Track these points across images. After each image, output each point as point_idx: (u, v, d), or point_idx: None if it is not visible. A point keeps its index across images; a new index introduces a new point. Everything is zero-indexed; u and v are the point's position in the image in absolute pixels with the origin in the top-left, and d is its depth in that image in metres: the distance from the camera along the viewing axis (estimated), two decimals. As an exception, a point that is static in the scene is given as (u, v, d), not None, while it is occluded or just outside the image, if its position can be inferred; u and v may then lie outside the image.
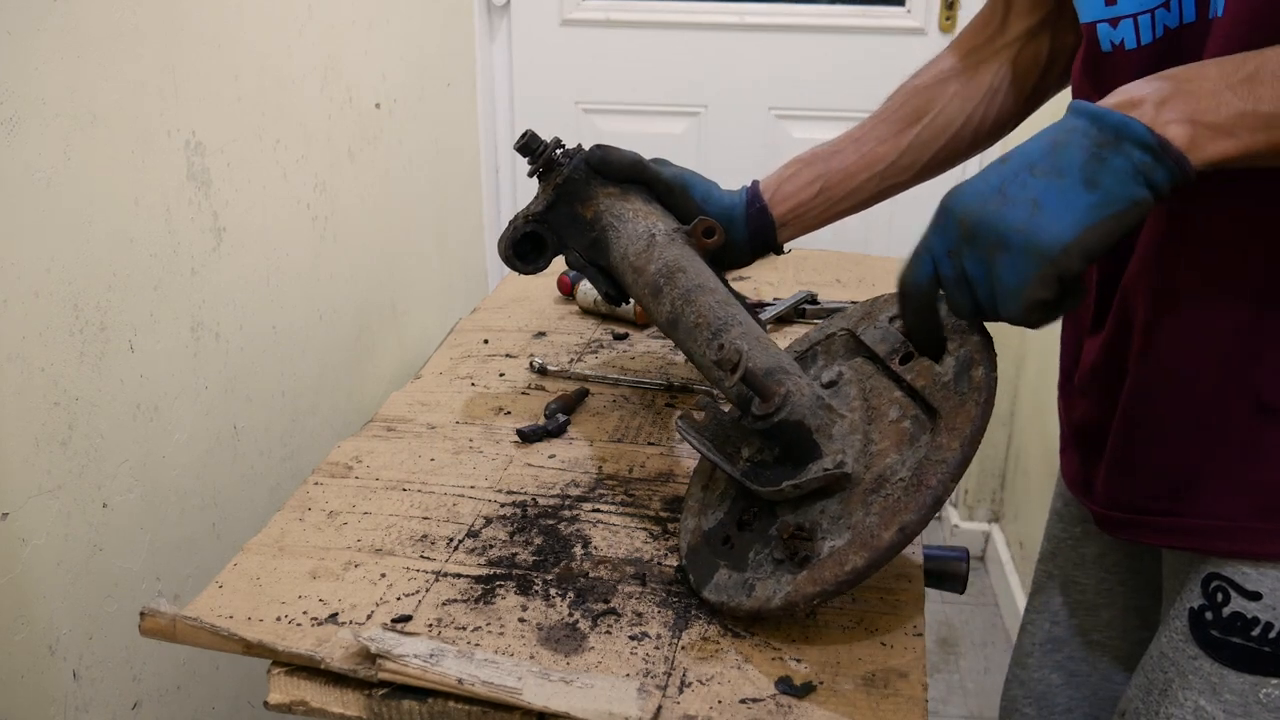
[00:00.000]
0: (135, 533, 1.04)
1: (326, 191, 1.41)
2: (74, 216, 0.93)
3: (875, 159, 0.97)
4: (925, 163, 0.97)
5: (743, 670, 0.72)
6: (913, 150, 0.96)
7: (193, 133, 1.09)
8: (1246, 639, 0.74)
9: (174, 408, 1.09)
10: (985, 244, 0.65)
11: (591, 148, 1.00)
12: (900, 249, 2.11)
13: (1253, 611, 0.73)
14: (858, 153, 0.97)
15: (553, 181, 1.00)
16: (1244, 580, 0.74)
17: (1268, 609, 0.73)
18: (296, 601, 0.79)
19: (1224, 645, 0.75)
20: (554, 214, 1.00)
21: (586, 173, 0.99)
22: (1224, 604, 0.75)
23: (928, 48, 2.12)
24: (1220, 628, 0.75)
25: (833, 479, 0.73)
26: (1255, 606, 0.73)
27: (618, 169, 0.99)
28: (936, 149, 0.97)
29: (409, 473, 0.98)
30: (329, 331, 1.45)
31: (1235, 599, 0.74)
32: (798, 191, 0.98)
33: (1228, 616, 0.75)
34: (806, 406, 0.76)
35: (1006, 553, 2.25)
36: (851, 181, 0.97)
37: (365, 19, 1.51)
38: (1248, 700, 0.74)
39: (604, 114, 2.23)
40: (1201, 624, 0.76)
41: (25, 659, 0.91)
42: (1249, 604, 0.74)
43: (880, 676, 0.72)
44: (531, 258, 1.03)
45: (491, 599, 0.80)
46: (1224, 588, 0.75)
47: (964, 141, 0.97)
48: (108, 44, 0.95)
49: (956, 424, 0.70)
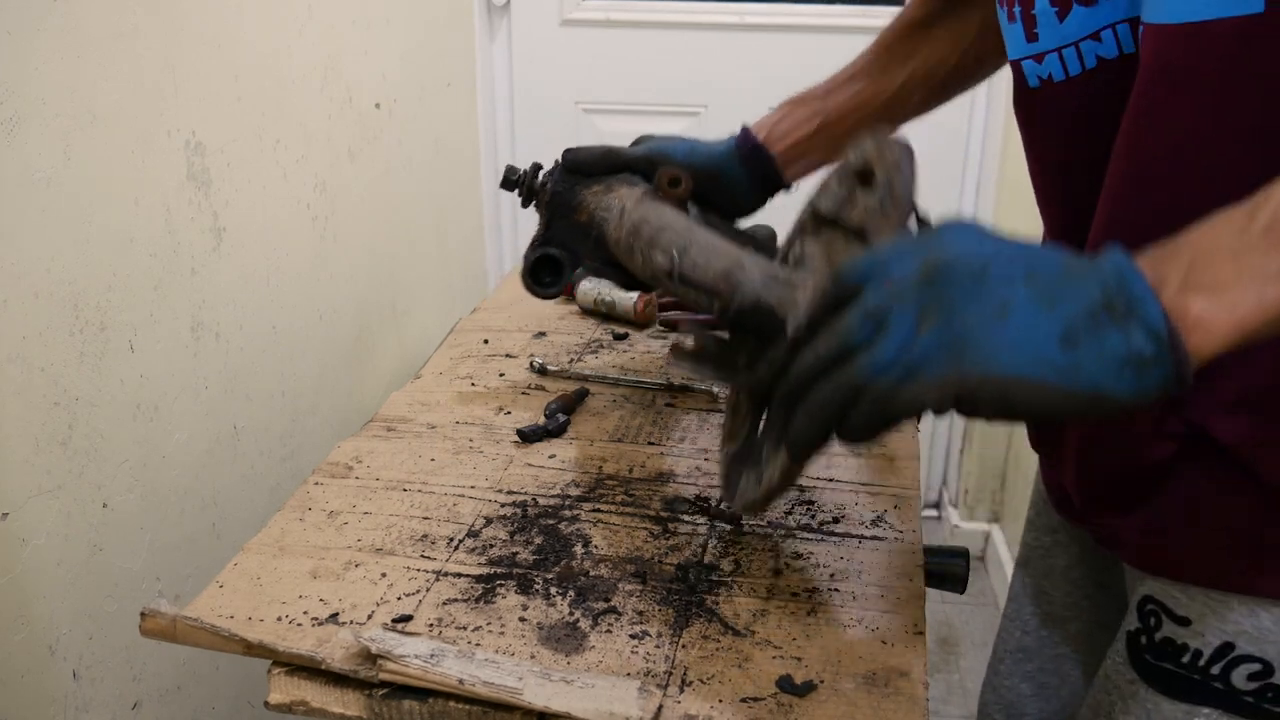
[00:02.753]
0: (135, 533, 1.04)
1: (326, 191, 1.41)
2: (74, 216, 0.93)
3: (877, 92, 0.95)
4: (932, 91, 0.96)
5: (743, 669, 0.72)
6: (913, 83, 0.95)
7: (193, 133, 1.09)
8: (1178, 665, 0.71)
9: (174, 408, 1.09)
10: (937, 300, 0.52)
11: (562, 153, 1.00)
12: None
13: (1182, 637, 0.71)
14: (853, 89, 0.96)
15: (542, 202, 1.01)
16: (1174, 605, 0.71)
17: (1196, 635, 0.70)
18: (297, 601, 0.79)
19: (1157, 671, 0.73)
20: (554, 231, 1.01)
21: (567, 181, 1.00)
22: (1156, 628, 0.72)
23: (927, 48, 2.12)
24: (1153, 653, 0.73)
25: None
26: (1185, 632, 0.70)
27: (590, 165, 0.99)
28: (940, 78, 0.95)
29: (409, 473, 0.97)
30: (329, 331, 1.45)
31: (1166, 623, 0.72)
32: (795, 129, 0.97)
33: (1160, 641, 0.72)
34: (759, 287, 0.77)
35: (1006, 553, 2.25)
36: (855, 115, 0.96)
37: (365, 19, 1.51)
38: None
39: (604, 114, 2.23)
40: (1137, 648, 0.74)
41: (25, 659, 0.91)
42: (1179, 629, 0.71)
43: (881, 675, 0.72)
44: (552, 280, 1.03)
45: (492, 598, 0.80)
46: (1156, 611, 0.72)
47: (966, 71, 0.95)
48: (108, 44, 0.95)
49: (882, 238, 0.71)
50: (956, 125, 2.15)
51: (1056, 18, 0.67)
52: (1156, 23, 0.60)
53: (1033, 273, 0.52)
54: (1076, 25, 0.67)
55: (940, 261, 0.53)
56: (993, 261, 0.52)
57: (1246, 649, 0.68)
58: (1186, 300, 0.49)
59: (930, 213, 0.73)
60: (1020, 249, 0.53)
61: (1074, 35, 0.67)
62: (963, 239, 0.54)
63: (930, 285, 0.52)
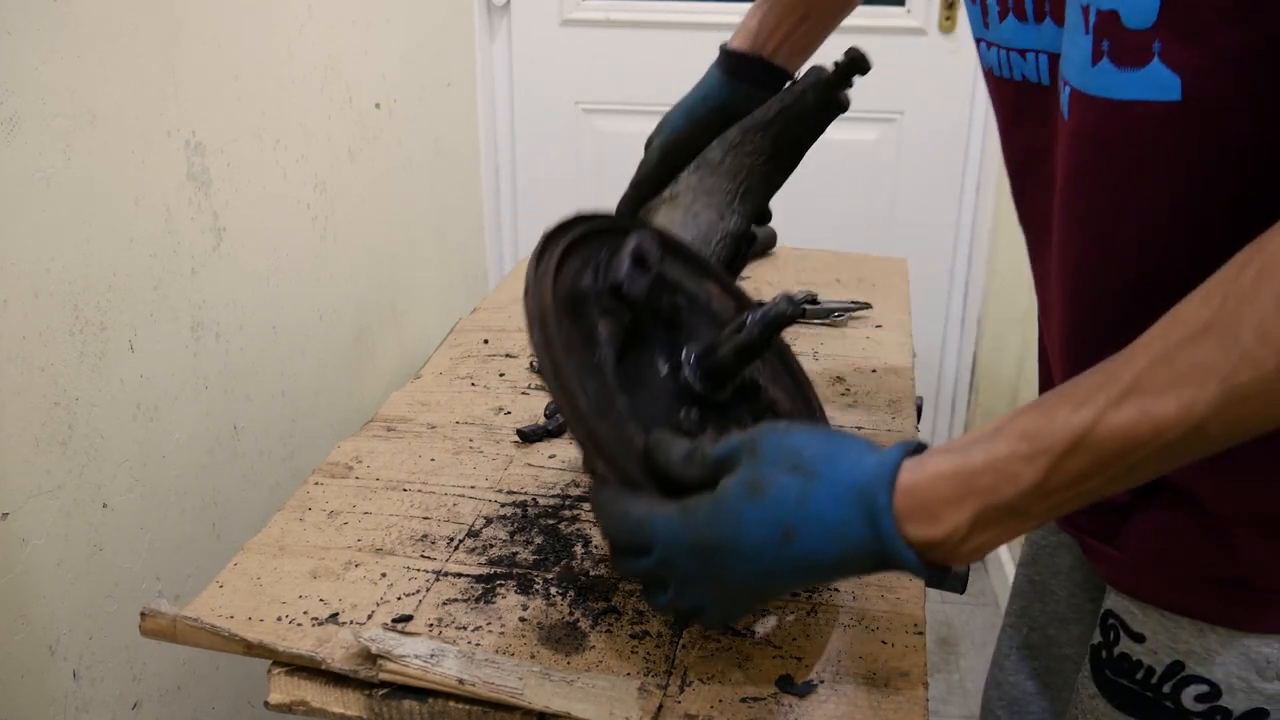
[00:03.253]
0: (135, 533, 1.04)
1: (326, 191, 1.41)
2: (74, 216, 0.93)
3: None
4: None
5: (744, 669, 0.72)
6: None
7: (193, 133, 1.09)
8: (1132, 682, 0.71)
9: (174, 408, 1.09)
10: (725, 593, 0.60)
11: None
12: (900, 249, 2.11)
13: (1137, 654, 0.70)
14: None
15: None
16: (1130, 620, 0.71)
17: (1149, 653, 0.70)
18: (297, 601, 0.79)
19: (1115, 687, 0.72)
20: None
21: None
22: (1115, 643, 0.72)
23: (928, 48, 2.12)
24: (1111, 668, 0.72)
25: None
26: (1139, 649, 0.70)
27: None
28: None
29: (409, 473, 0.97)
30: (329, 331, 1.45)
31: (1124, 639, 0.71)
32: (779, 25, 0.93)
33: (1117, 656, 0.72)
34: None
35: (1006, 553, 2.25)
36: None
37: (365, 19, 1.51)
38: None
39: (604, 114, 2.23)
40: (1099, 662, 0.74)
41: (25, 659, 0.91)
42: (1134, 645, 0.70)
43: (881, 676, 0.72)
44: None
45: (492, 598, 0.80)
46: (1116, 626, 0.72)
47: None
48: (108, 44, 0.95)
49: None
50: (957, 125, 2.15)
51: (997, 15, 0.66)
52: (1080, 90, 0.58)
53: (790, 532, 0.56)
54: (1010, 32, 0.65)
55: (705, 543, 0.58)
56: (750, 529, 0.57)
57: (1195, 670, 0.68)
58: (968, 546, 0.55)
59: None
60: (806, 478, 0.57)
61: (1006, 41, 0.66)
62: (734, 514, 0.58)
63: (697, 560, 0.59)
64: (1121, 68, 0.54)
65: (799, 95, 0.93)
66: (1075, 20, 0.56)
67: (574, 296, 0.70)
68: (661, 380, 0.73)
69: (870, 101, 2.22)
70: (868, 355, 1.22)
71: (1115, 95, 0.55)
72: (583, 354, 0.68)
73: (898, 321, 1.33)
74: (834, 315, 1.32)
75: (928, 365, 2.32)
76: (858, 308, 1.34)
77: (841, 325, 1.31)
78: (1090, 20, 0.54)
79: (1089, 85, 0.57)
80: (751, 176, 0.95)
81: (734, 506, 0.57)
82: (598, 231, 0.76)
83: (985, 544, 0.55)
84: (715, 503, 0.58)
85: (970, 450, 0.54)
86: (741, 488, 0.57)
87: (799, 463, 0.56)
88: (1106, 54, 0.54)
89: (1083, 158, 0.61)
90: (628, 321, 0.71)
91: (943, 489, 0.54)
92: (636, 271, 0.71)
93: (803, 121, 0.93)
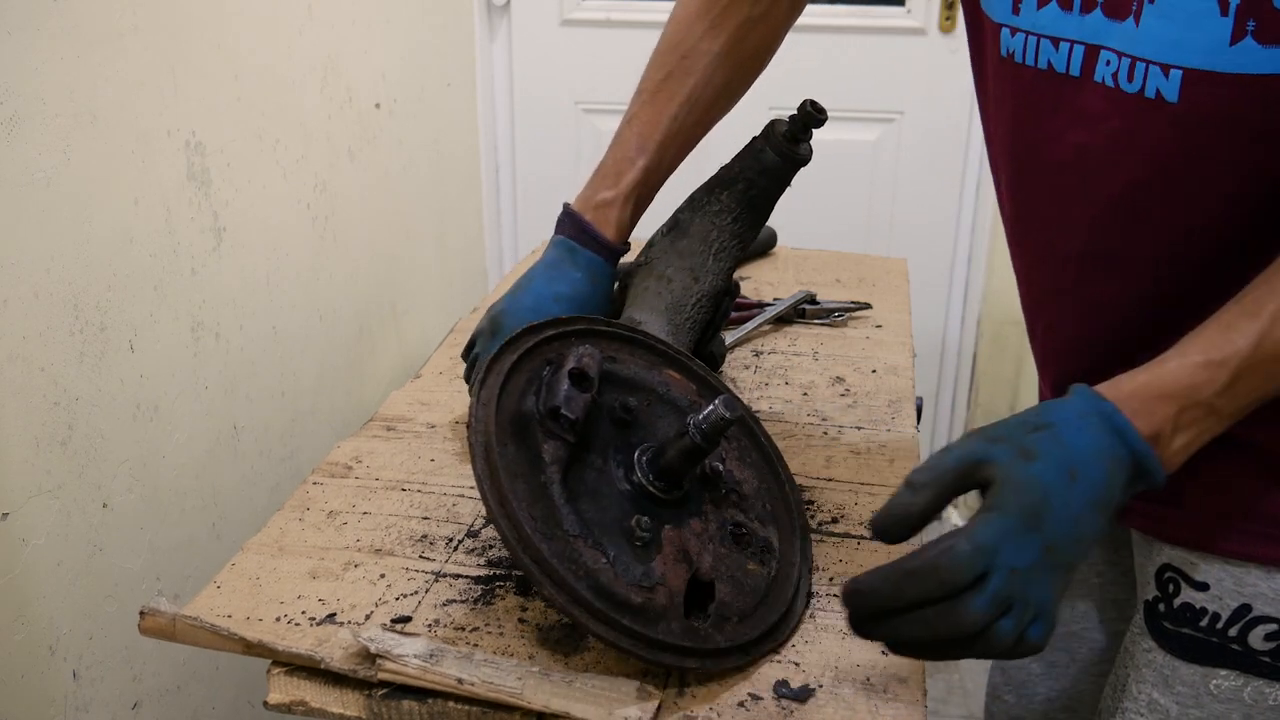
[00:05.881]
0: (135, 533, 1.04)
1: (326, 191, 1.41)
2: (74, 216, 0.93)
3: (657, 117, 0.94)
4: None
5: (742, 672, 0.72)
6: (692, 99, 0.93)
7: (193, 133, 1.09)
8: (1196, 629, 0.74)
9: (174, 408, 1.09)
10: (1056, 564, 0.62)
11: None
12: (900, 249, 2.10)
13: (1200, 602, 0.74)
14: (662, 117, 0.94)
15: None
16: (1192, 571, 0.74)
17: (1214, 599, 0.73)
18: (296, 601, 0.79)
19: (1175, 636, 0.75)
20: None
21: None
22: (1175, 595, 0.75)
23: (928, 48, 2.12)
24: (1171, 619, 0.76)
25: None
26: (1203, 597, 0.74)
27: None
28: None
29: (409, 473, 0.98)
30: (329, 331, 1.45)
31: (1185, 589, 0.75)
32: (634, 210, 0.95)
33: (1178, 607, 0.75)
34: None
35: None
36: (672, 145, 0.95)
37: (365, 19, 1.51)
38: (1199, 691, 0.75)
39: (604, 114, 2.23)
40: (1155, 615, 0.77)
41: (25, 659, 0.91)
42: (1197, 594, 0.74)
43: (879, 682, 0.72)
44: None
45: (491, 599, 0.80)
46: (1175, 579, 0.75)
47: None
48: (108, 44, 0.95)
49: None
50: (957, 125, 2.15)
51: (1036, 2, 0.70)
52: (1206, 71, 0.62)
53: (1073, 468, 0.62)
54: (1048, 20, 0.69)
55: (1057, 540, 0.62)
56: (1068, 498, 0.62)
57: (1264, 610, 0.72)
58: (1173, 448, 0.64)
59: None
60: (1071, 473, 0.62)
61: (1041, 28, 0.70)
62: (1056, 512, 0.62)
63: (1054, 549, 0.62)
64: (1266, 45, 0.60)
65: (757, 153, 0.94)
66: (1202, 6, 0.61)
67: (518, 420, 0.72)
68: (616, 484, 0.74)
69: (870, 101, 2.22)
70: (868, 355, 1.23)
71: (1256, 71, 0.61)
72: (529, 477, 0.70)
73: (898, 321, 1.33)
74: (834, 315, 1.32)
75: (928, 365, 2.31)
76: (858, 308, 1.34)
77: (841, 325, 1.31)
78: (1231, 4, 0.60)
79: (1223, 65, 0.62)
80: (723, 235, 0.96)
81: (1022, 474, 0.61)
82: (550, 339, 0.78)
83: (1186, 446, 0.64)
84: (1004, 483, 0.62)
85: (1164, 363, 0.64)
86: (1015, 457, 0.62)
87: (1036, 423, 0.64)
88: (1251, 33, 0.60)
89: (1188, 140, 0.65)
90: (572, 440, 0.72)
91: (1151, 390, 0.63)
92: (575, 391, 0.73)
93: (766, 176, 0.94)
